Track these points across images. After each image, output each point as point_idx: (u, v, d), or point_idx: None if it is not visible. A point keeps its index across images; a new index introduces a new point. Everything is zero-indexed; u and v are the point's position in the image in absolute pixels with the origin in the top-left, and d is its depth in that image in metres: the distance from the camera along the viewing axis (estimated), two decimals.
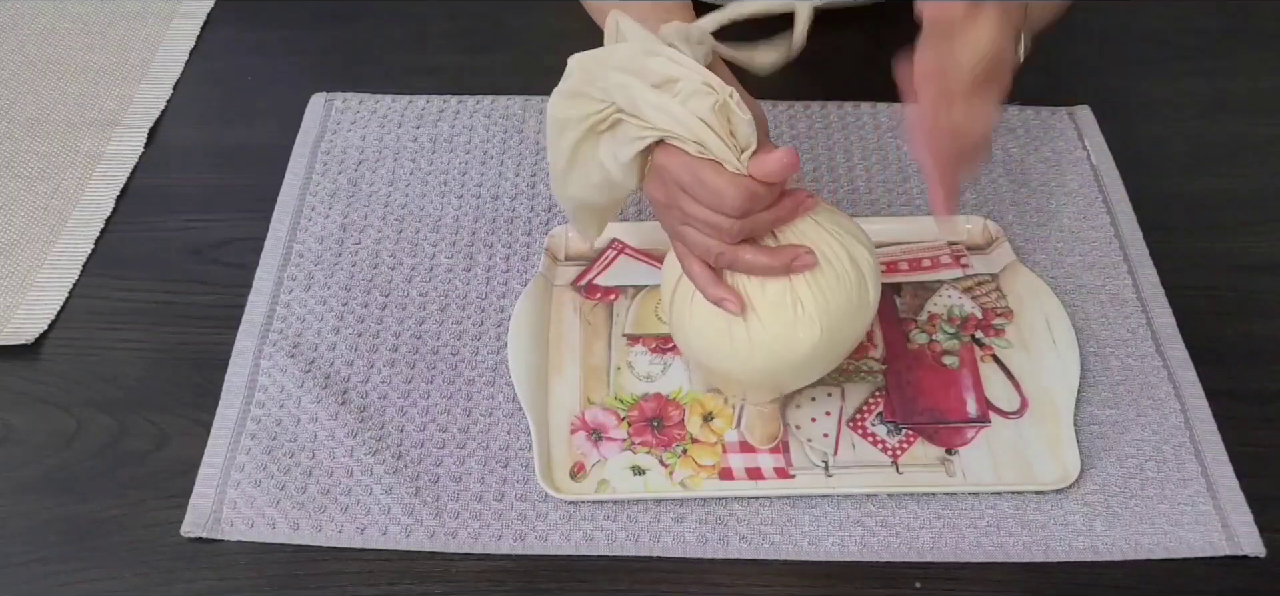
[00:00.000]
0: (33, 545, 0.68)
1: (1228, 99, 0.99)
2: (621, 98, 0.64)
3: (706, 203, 0.64)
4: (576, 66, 0.66)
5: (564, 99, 0.66)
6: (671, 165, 0.64)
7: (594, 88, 0.65)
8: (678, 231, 0.68)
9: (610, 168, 0.67)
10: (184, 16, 1.06)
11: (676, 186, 0.65)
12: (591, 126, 0.66)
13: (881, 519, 0.69)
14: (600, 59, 0.65)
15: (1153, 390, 0.75)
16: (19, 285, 0.82)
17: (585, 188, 0.69)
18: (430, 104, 0.96)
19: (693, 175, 0.64)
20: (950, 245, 0.84)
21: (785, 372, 0.70)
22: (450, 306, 0.80)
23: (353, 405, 0.74)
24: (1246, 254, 0.85)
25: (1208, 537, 0.68)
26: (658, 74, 0.63)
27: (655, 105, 0.62)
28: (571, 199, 0.71)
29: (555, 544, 0.68)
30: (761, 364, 0.68)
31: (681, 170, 0.64)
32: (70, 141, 0.93)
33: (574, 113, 0.66)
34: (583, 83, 0.65)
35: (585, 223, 0.75)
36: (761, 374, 0.70)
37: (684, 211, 0.66)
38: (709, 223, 0.65)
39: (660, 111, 0.62)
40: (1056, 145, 0.92)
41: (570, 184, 0.70)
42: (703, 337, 0.69)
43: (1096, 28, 1.05)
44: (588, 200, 0.71)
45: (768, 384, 0.72)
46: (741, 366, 0.69)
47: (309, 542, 0.68)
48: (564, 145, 0.68)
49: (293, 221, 0.86)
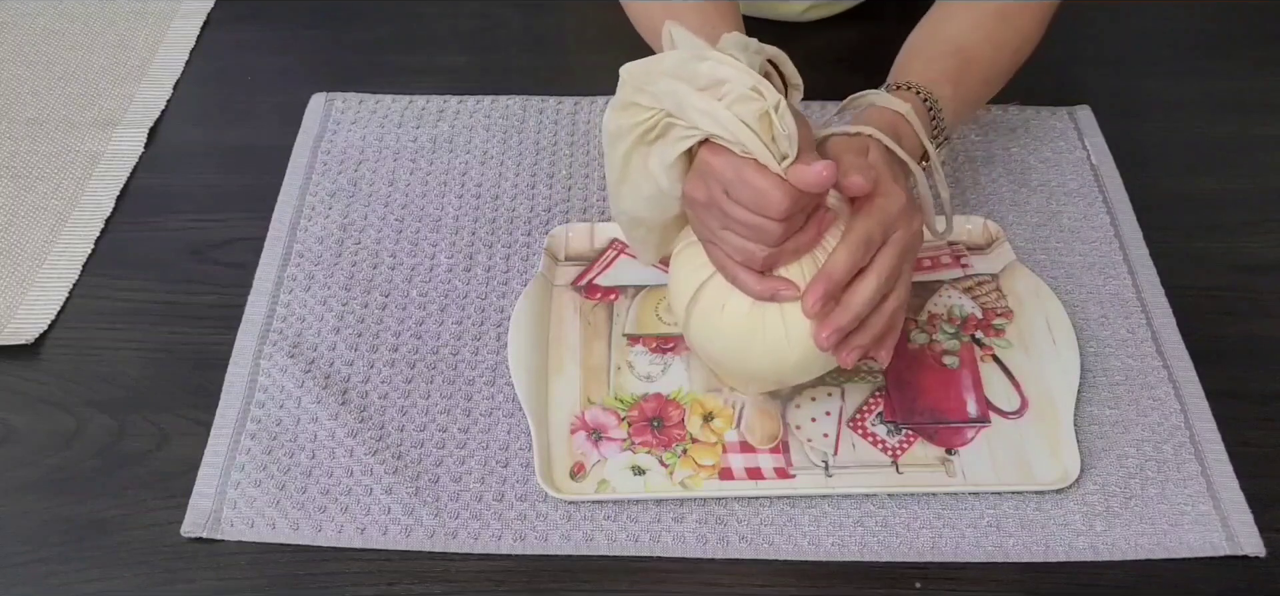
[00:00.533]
0: (33, 545, 0.68)
1: (1228, 99, 0.99)
2: (670, 103, 0.63)
3: (749, 203, 0.63)
4: (627, 76, 0.65)
5: (616, 110, 0.66)
6: (716, 163, 0.64)
7: (643, 96, 0.64)
8: (717, 235, 0.67)
9: (658, 174, 0.66)
10: (184, 16, 1.06)
11: (719, 186, 0.64)
12: (641, 135, 0.65)
13: (881, 519, 0.69)
14: (649, 67, 0.64)
15: (1153, 390, 0.75)
16: (19, 285, 0.82)
17: (636, 201, 0.69)
18: (430, 104, 0.96)
19: (737, 174, 0.63)
20: (950, 245, 0.84)
21: (818, 362, 0.69)
22: (450, 306, 0.80)
23: (353, 405, 0.74)
24: (1246, 254, 0.85)
25: (1208, 537, 0.68)
26: (706, 77, 0.63)
27: (701, 109, 0.62)
28: (625, 213, 0.71)
29: (555, 544, 0.68)
30: (796, 357, 0.68)
31: (726, 168, 0.63)
32: (70, 141, 0.93)
33: (625, 122, 0.66)
34: (633, 92, 0.65)
35: (641, 243, 0.74)
36: (794, 368, 0.70)
37: (724, 213, 0.65)
38: (749, 224, 0.64)
39: (705, 114, 0.62)
40: (1056, 145, 0.92)
41: (623, 198, 0.69)
42: (735, 337, 0.69)
43: (1096, 28, 1.05)
44: (640, 215, 0.70)
45: (797, 377, 0.72)
46: (774, 362, 0.69)
47: (309, 542, 0.68)
48: (616, 157, 0.67)
49: (293, 221, 0.86)
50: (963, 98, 0.78)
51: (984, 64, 0.80)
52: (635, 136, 0.66)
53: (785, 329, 0.67)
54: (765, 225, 0.64)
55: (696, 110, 0.62)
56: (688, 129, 0.64)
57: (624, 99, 0.65)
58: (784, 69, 0.69)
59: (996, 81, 0.82)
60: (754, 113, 0.62)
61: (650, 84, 0.64)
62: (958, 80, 0.77)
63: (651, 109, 0.64)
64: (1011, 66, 0.82)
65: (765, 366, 0.69)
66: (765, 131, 0.62)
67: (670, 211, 0.69)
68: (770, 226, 0.64)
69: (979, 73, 0.79)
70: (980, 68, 0.79)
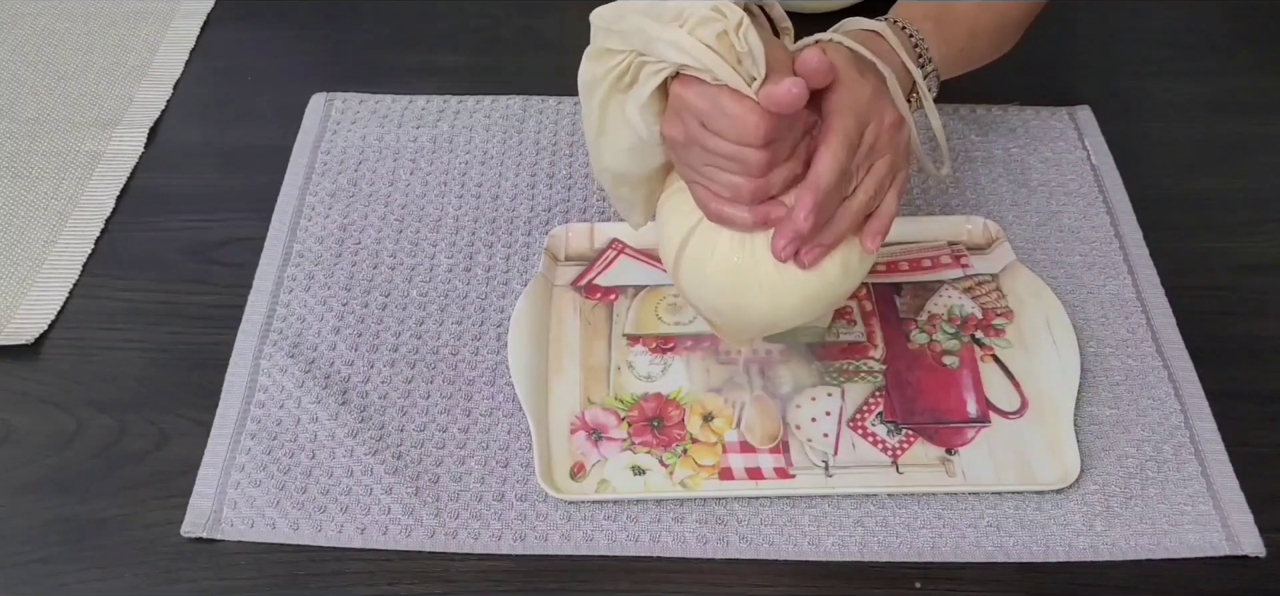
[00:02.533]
0: (33, 545, 0.68)
1: (1228, 99, 0.99)
2: (638, 41, 0.61)
3: (727, 133, 0.61)
4: (597, 21, 0.63)
5: (589, 59, 0.64)
6: (688, 95, 0.61)
7: (614, 39, 0.62)
8: (701, 173, 0.64)
9: (634, 119, 0.64)
10: (184, 16, 1.06)
11: (695, 119, 0.62)
12: (615, 80, 0.63)
13: (881, 519, 0.69)
14: (620, 8, 0.62)
15: (1153, 390, 0.75)
16: (19, 285, 0.82)
17: (617, 154, 0.67)
18: (430, 104, 0.96)
19: (712, 103, 0.60)
20: (950, 245, 0.84)
21: (814, 305, 0.67)
22: (450, 306, 0.80)
23: (353, 405, 0.74)
24: (1246, 254, 0.85)
25: (1208, 537, 0.68)
26: (672, 10, 0.60)
27: (666, 40, 0.60)
28: (607, 170, 0.69)
29: (555, 544, 0.68)
30: (796, 298, 0.66)
31: (698, 98, 0.61)
32: (70, 141, 0.93)
33: (598, 69, 0.64)
34: (603, 37, 0.63)
35: (627, 203, 0.72)
36: (794, 310, 0.67)
37: (704, 147, 0.62)
38: (732, 156, 0.62)
39: (671, 45, 0.60)
40: (1056, 145, 0.92)
41: (603, 153, 0.67)
42: (728, 282, 0.67)
43: (1096, 28, 1.05)
44: (622, 170, 0.68)
45: (797, 318, 0.69)
46: (771, 304, 0.67)
47: (309, 542, 0.68)
48: (593, 107, 0.65)
49: (293, 221, 0.86)
50: (946, 38, 0.75)
51: (968, 17, 0.77)
52: (609, 82, 0.63)
53: (780, 266, 0.65)
54: (747, 154, 0.61)
55: (663, 42, 0.60)
56: (657, 63, 0.61)
57: (596, 46, 0.64)
58: (771, 13, 0.67)
59: (981, 38, 0.79)
60: (713, 33, 0.59)
61: (619, 24, 0.62)
62: (938, 20, 0.75)
63: (623, 52, 0.62)
64: (997, 27, 0.80)
65: (763, 309, 0.67)
66: (729, 53, 0.60)
67: (652, 162, 0.67)
68: (752, 154, 0.61)
69: (962, 21, 0.77)
70: (964, 17, 0.77)
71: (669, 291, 0.81)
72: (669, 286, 0.81)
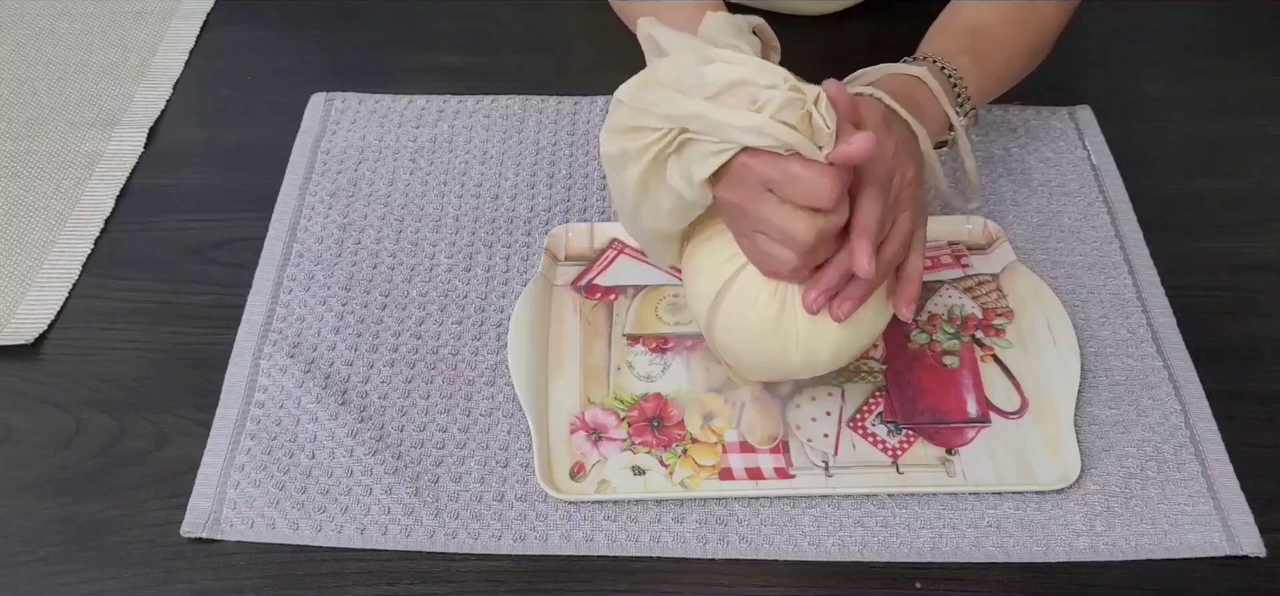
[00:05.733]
0: (32, 545, 0.68)
1: (1228, 99, 0.99)
2: (695, 124, 0.61)
3: (798, 198, 0.61)
4: (626, 98, 0.63)
5: (617, 134, 0.64)
6: (758, 165, 0.61)
7: (649, 116, 0.62)
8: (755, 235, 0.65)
9: (682, 189, 0.64)
10: (184, 16, 1.06)
11: (763, 186, 0.62)
12: (655, 155, 0.63)
13: (882, 519, 0.69)
14: (647, 83, 0.62)
15: (1153, 390, 0.75)
16: (19, 285, 0.82)
17: (658, 216, 0.67)
18: (430, 104, 0.96)
19: (783, 172, 0.61)
20: (951, 245, 0.84)
21: (844, 356, 0.69)
22: (450, 306, 0.80)
23: (353, 405, 0.74)
24: (1246, 254, 0.85)
25: (1208, 537, 0.68)
26: (717, 81, 0.61)
27: (738, 126, 0.60)
28: (646, 231, 0.70)
29: (555, 544, 0.68)
30: (826, 355, 0.68)
31: (770, 169, 0.61)
32: (70, 141, 0.93)
33: (632, 146, 0.64)
34: (634, 115, 0.63)
35: (662, 251, 0.73)
36: (825, 363, 0.69)
37: (761, 215, 0.63)
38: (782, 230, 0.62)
39: (745, 131, 0.60)
40: (1056, 145, 0.92)
41: (643, 217, 0.68)
42: (768, 333, 0.68)
43: (1096, 28, 1.05)
44: (663, 229, 0.69)
45: (824, 370, 0.70)
46: (807, 354, 0.68)
47: (309, 542, 0.68)
48: (628, 181, 0.65)
49: (293, 221, 0.86)
50: (984, 72, 0.77)
51: (1003, 43, 0.79)
52: (649, 158, 0.63)
53: (815, 317, 0.67)
54: (796, 233, 0.62)
55: (732, 127, 0.60)
56: (719, 144, 0.61)
57: (624, 122, 0.64)
58: (762, 35, 0.68)
59: (1016, 62, 0.82)
60: (797, 115, 0.60)
61: (656, 102, 0.62)
62: (976, 55, 0.76)
63: (659, 129, 0.62)
64: (1032, 49, 0.82)
65: (795, 362, 0.69)
66: (806, 128, 0.60)
67: (694, 214, 0.68)
68: (802, 233, 0.62)
69: (998, 50, 0.79)
70: (1000, 46, 0.79)
71: (669, 291, 0.81)
72: (669, 286, 0.81)
